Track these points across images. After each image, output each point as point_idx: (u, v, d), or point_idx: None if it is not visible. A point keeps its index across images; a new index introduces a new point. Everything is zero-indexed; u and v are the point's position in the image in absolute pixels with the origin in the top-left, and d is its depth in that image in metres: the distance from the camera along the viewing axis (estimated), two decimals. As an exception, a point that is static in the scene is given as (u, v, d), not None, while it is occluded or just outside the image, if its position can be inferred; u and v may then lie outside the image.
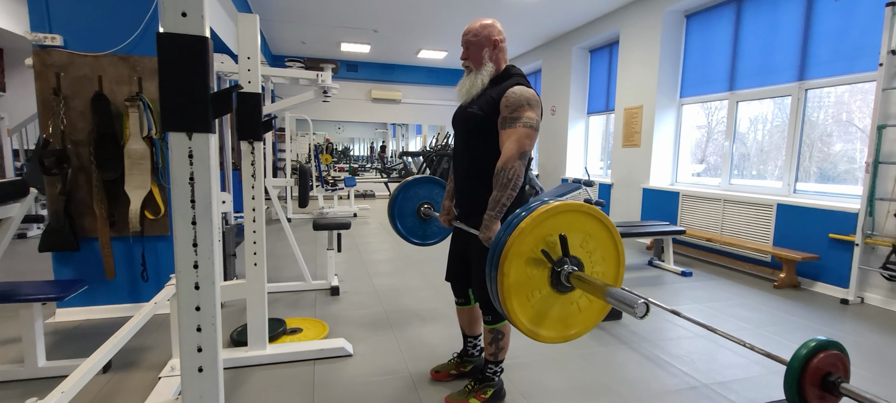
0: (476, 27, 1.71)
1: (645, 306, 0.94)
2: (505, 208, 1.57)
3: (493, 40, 1.69)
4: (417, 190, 2.32)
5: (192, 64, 0.92)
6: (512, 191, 1.56)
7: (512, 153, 1.55)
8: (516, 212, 1.21)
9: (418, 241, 2.39)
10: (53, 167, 2.53)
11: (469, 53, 1.73)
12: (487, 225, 1.58)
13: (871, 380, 2.18)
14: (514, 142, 1.56)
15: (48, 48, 2.53)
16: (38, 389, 1.92)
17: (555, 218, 1.16)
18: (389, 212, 2.33)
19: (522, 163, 1.56)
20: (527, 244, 1.14)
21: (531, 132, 1.57)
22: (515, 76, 1.69)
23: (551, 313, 1.19)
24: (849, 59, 3.62)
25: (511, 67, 1.74)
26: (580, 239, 1.20)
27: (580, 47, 6.95)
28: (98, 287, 2.75)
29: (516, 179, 1.55)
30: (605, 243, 1.24)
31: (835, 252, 3.54)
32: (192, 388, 1.05)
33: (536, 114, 1.59)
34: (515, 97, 1.59)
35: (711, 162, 5.21)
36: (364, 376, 2.12)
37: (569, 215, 1.18)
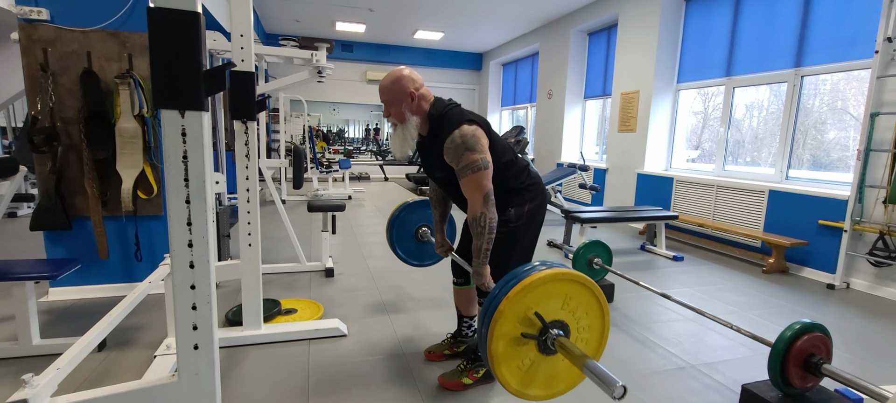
0: (388, 85, 1.66)
1: (622, 388, 0.94)
2: (488, 251, 1.62)
3: (408, 93, 1.65)
4: (413, 214, 2.41)
5: (183, 40, 0.90)
6: (489, 235, 1.59)
7: (476, 202, 1.59)
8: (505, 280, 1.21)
9: (417, 263, 2.50)
10: (43, 145, 2.49)
11: (389, 111, 1.69)
12: (478, 273, 1.64)
13: (851, 362, 2.24)
14: (473, 191, 1.59)
15: (34, 22, 2.46)
16: (32, 366, 1.93)
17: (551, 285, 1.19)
18: (388, 237, 2.43)
19: (489, 205, 1.58)
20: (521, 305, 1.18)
21: (482, 173, 1.57)
22: (445, 117, 1.66)
23: (538, 374, 1.23)
24: (845, 46, 3.63)
25: (436, 105, 1.69)
26: (571, 307, 1.23)
27: (578, 30, 6.88)
28: (91, 266, 2.74)
29: (490, 224, 1.58)
30: (594, 315, 1.27)
31: (823, 238, 3.60)
32: (188, 365, 1.06)
33: (479, 151, 1.57)
34: (452, 150, 1.59)
35: (706, 148, 5.23)
36: (358, 356, 2.15)
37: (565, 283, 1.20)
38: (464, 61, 10.48)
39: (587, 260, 2.92)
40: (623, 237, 5.02)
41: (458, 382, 1.88)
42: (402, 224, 2.42)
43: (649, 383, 1.99)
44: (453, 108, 1.69)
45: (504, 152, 1.74)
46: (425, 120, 1.70)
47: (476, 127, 1.62)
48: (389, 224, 2.40)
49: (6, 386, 1.80)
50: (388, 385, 1.91)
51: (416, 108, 1.68)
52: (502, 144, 1.76)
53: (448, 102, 1.72)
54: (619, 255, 4.17)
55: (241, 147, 2.13)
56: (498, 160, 1.68)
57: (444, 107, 1.69)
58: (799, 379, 1.64)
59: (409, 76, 1.67)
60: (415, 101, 1.66)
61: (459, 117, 1.64)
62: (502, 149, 1.74)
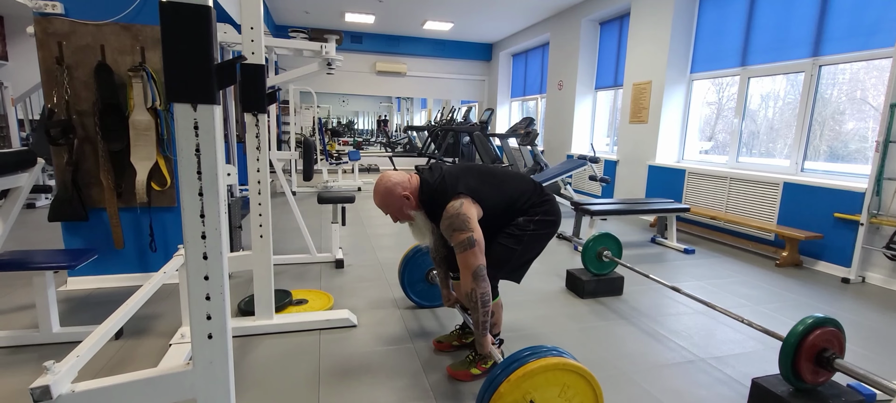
0: (382, 201, 1.77)
1: None
2: (487, 324, 1.68)
3: (401, 198, 1.75)
4: (424, 257, 2.49)
5: (195, 34, 0.91)
6: (484, 309, 1.65)
7: (467, 279, 1.65)
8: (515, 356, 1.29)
9: (428, 304, 2.58)
10: (59, 137, 2.54)
11: (396, 217, 1.82)
12: (480, 344, 1.69)
13: (866, 357, 2.21)
14: (464, 268, 1.65)
15: (49, 16, 2.50)
16: (53, 353, 1.99)
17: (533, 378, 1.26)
18: (401, 282, 2.52)
19: (480, 279, 1.63)
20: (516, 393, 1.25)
21: (470, 252, 1.62)
22: (436, 198, 1.73)
23: None
24: (865, 34, 3.52)
25: (423, 194, 1.77)
26: (558, 391, 1.30)
27: (589, 20, 6.78)
28: (108, 256, 2.80)
29: (483, 297, 1.64)
30: (584, 392, 1.34)
31: (839, 231, 3.53)
32: (203, 354, 1.08)
33: (466, 229, 1.62)
34: (445, 231, 1.69)
35: (720, 139, 5.15)
36: (368, 346, 2.18)
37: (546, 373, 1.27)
38: (473, 52, 10.41)
39: (597, 252, 2.90)
40: (633, 229, 4.98)
41: (467, 372, 1.89)
42: (414, 267, 2.51)
43: (658, 376, 1.98)
44: (439, 185, 1.74)
45: (503, 195, 1.79)
46: (423, 208, 1.80)
47: (462, 200, 1.68)
48: (401, 267, 2.49)
49: (29, 372, 1.85)
50: (398, 374, 1.93)
51: (415, 204, 1.78)
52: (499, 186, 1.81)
53: (433, 179, 1.76)
54: (629, 248, 4.14)
55: (251, 139, 2.15)
56: (496, 208, 1.76)
57: (431, 187, 1.75)
58: (810, 374, 1.63)
59: (396, 181, 1.76)
60: (411, 201, 1.76)
61: (444, 193, 1.71)
62: (500, 194, 1.79)
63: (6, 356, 1.98)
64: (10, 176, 2.11)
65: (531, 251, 1.86)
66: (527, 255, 1.86)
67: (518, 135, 6.22)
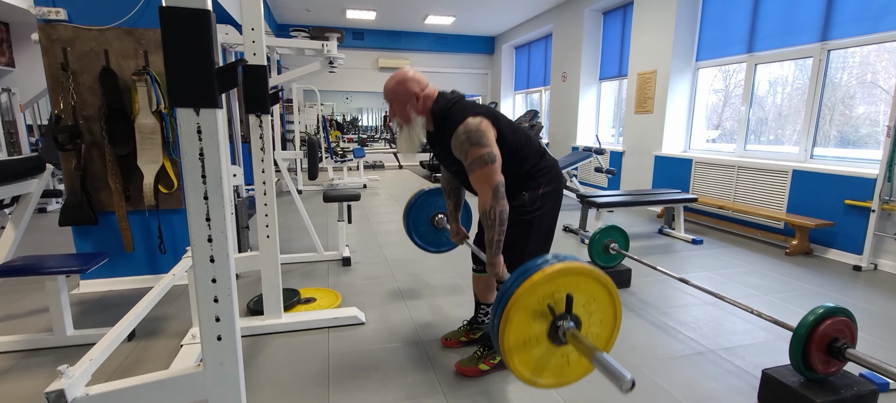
0: (392, 86, 1.67)
1: (631, 382, 0.96)
2: (501, 244, 1.61)
3: (413, 94, 1.66)
4: (429, 201, 2.41)
5: (195, 38, 0.91)
6: (501, 227, 1.58)
7: (485, 194, 1.57)
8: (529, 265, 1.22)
9: (433, 249, 2.50)
10: (67, 143, 2.57)
11: (394, 112, 1.70)
12: (492, 264, 1.63)
13: (878, 346, 2.19)
14: (482, 184, 1.57)
15: (53, 22, 2.52)
16: (67, 356, 2.02)
17: (566, 278, 1.19)
18: (405, 225, 2.44)
19: (499, 197, 1.56)
20: (535, 297, 1.17)
21: (489, 167, 1.55)
22: (450, 112, 1.66)
23: (550, 364, 1.23)
24: (875, 17, 3.45)
25: (439, 104, 1.69)
26: (584, 301, 1.23)
27: (592, 10, 6.71)
28: (118, 259, 2.83)
29: (501, 216, 1.57)
30: (606, 309, 1.26)
31: (850, 218, 3.49)
32: (213, 355, 1.10)
33: (486, 147, 1.56)
34: (458, 144, 1.59)
35: (727, 127, 5.09)
36: (376, 343, 2.19)
37: (579, 277, 1.20)
38: (476, 45, 10.35)
39: (603, 245, 2.89)
40: (640, 221, 4.95)
41: (475, 368, 1.90)
42: (419, 211, 2.42)
43: (667, 368, 1.98)
44: (457, 103, 1.68)
45: (514, 139, 1.71)
46: (430, 118, 1.71)
47: (481, 119, 1.60)
48: (406, 211, 2.41)
49: (44, 375, 1.89)
50: (406, 371, 1.94)
51: (422, 108, 1.69)
52: (512, 130, 1.73)
53: (452, 96, 1.70)
54: (636, 240, 4.11)
55: (256, 140, 2.16)
56: (507, 148, 1.66)
57: (448, 102, 1.68)
58: (822, 364, 1.61)
59: (414, 78, 1.67)
60: (419, 101, 1.67)
61: (463, 111, 1.63)
62: (512, 135, 1.71)
63: (22, 359, 2.02)
64: (21, 182, 2.14)
65: (544, 229, 1.79)
66: (542, 236, 1.79)
67: (522, 129, 6.19)
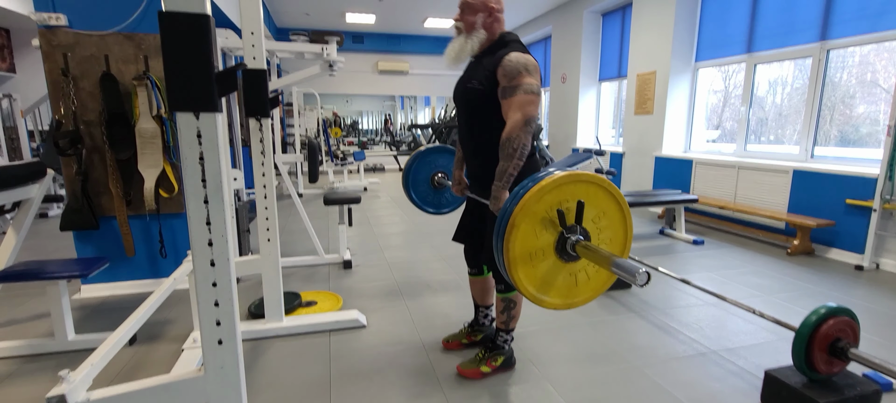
0: None
1: (646, 275, 0.95)
2: (512, 177, 1.54)
3: (489, 7, 1.63)
4: (431, 159, 2.34)
5: (195, 43, 0.91)
6: (518, 161, 1.53)
7: (516, 122, 1.51)
8: (524, 183, 1.19)
9: (432, 210, 2.43)
10: (68, 148, 2.57)
11: (463, 15, 1.67)
12: (496, 196, 1.57)
13: (881, 345, 2.18)
14: (516, 111, 1.52)
15: (53, 28, 2.53)
16: (68, 361, 2.02)
17: (574, 186, 1.13)
18: (404, 181, 2.37)
19: (527, 131, 1.51)
20: (540, 206, 1.11)
21: (533, 97, 1.52)
22: (511, 43, 1.64)
23: (557, 281, 1.17)
24: (874, 16, 3.46)
25: (506, 34, 1.68)
26: (593, 214, 1.16)
27: (592, 11, 6.72)
28: (119, 263, 2.83)
29: (522, 149, 1.52)
30: (616, 223, 1.20)
31: (851, 218, 3.48)
32: (213, 359, 1.09)
33: (536, 80, 1.54)
34: (512, 65, 1.53)
35: (727, 127, 5.08)
36: (378, 346, 2.18)
37: (589, 186, 1.15)
38: (475, 48, 10.36)
39: (604, 246, 2.88)
40: (641, 221, 4.94)
41: (477, 371, 1.89)
42: (419, 169, 2.37)
43: (669, 369, 1.97)
44: (519, 42, 1.67)
45: None
46: (490, 40, 1.68)
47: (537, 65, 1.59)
48: (406, 168, 2.35)
49: (45, 381, 1.88)
50: (408, 374, 1.94)
51: (489, 26, 1.66)
52: None
53: (519, 39, 1.70)
54: (637, 241, 4.11)
55: (256, 143, 2.16)
56: None
57: (515, 38, 1.68)
58: (824, 364, 1.61)
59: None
60: (490, 18, 1.65)
61: (525, 49, 1.61)
62: None
63: (23, 364, 2.02)
64: (22, 187, 2.14)
65: None
66: None
67: (522, 130, 6.19)
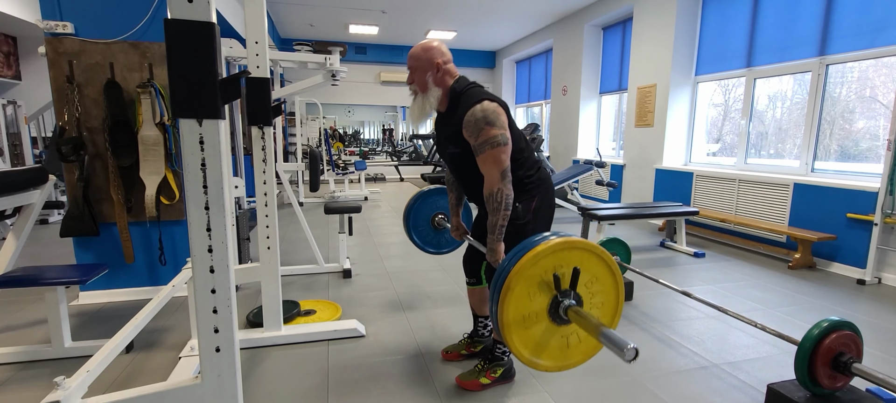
0: (418, 52, 1.68)
1: (634, 351, 0.96)
2: (504, 229, 1.60)
3: (435, 64, 1.66)
4: (431, 200, 2.40)
5: (199, 50, 0.92)
6: (505, 211, 1.58)
7: (493, 177, 1.57)
8: (520, 246, 1.20)
9: (433, 250, 2.48)
10: (70, 154, 2.58)
11: (413, 78, 1.70)
12: (492, 250, 1.63)
13: (884, 360, 2.16)
14: (490, 166, 1.57)
15: (60, 36, 2.55)
16: (65, 368, 2.00)
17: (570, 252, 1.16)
18: (405, 224, 2.43)
19: (505, 181, 1.57)
20: (536, 270, 1.14)
21: (502, 148, 1.56)
22: (465, 93, 1.66)
23: (550, 344, 1.19)
24: (873, 31, 3.49)
25: (457, 84, 1.70)
26: (586, 279, 1.20)
27: (592, 25, 6.79)
28: (118, 270, 2.83)
29: (505, 200, 1.57)
30: (608, 287, 1.23)
31: (852, 232, 3.47)
32: (211, 367, 1.09)
33: (499, 128, 1.56)
34: (473, 123, 1.58)
35: (727, 141, 5.10)
36: (376, 356, 2.17)
37: (583, 252, 1.17)
38: (477, 60, 10.45)
39: (605, 257, 2.87)
40: (642, 234, 4.93)
41: (476, 382, 1.88)
42: (419, 211, 2.40)
43: (671, 382, 1.95)
44: (475, 87, 1.68)
45: (518, 141, 1.72)
46: (446, 94, 1.70)
47: (497, 105, 1.60)
48: (406, 211, 2.39)
49: (41, 388, 1.87)
50: (407, 385, 1.92)
51: (440, 80, 1.68)
52: (517, 133, 1.74)
53: (472, 82, 1.71)
54: (638, 253, 4.10)
55: (258, 152, 2.17)
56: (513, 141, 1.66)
57: (467, 84, 1.69)
58: (827, 379, 1.59)
59: (439, 48, 1.68)
60: (439, 73, 1.67)
61: (480, 95, 1.63)
62: (517, 137, 1.72)
63: (19, 371, 2.00)
64: (23, 193, 2.15)
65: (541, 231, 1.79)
66: None
67: (523, 142, 6.21)
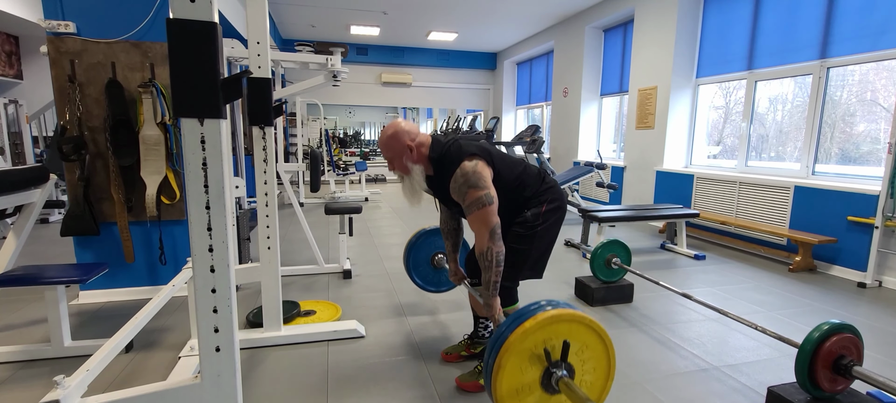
0: (386, 142, 1.72)
1: None
2: (498, 285, 1.64)
3: (406, 146, 1.70)
4: (429, 241, 2.45)
5: (201, 50, 0.92)
6: (497, 268, 1.62)
7: (483, 237, 1.61)
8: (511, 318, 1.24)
9: (433, 289, 2.54)
10: (71, 153, 2.59)
11: (393, 166, 1.76)
12: (488, 305, 1.67)
13: (884, 364, 2.15)
14: (479, 227, 1.61)
15: (62, 35, 2.56)
16: (64, 367, 2.00)
17: (558, 325, 1.21)
18: (405, 264, 2.48)
19: (495, 239, 1.60)
20: (526, 344, 1.19)
21: (487, 209, 1.59)
22: (445, 156, 1.70)
23: None
24: (874, 35, 3.49)
25: (434, 150, 1.72)
26: (577, 347, 1.24)
27: (593, 27, 6.79)
28: (118, 270, 2.83)
29: (497, 257, 1.61)
30: (599, 354, 1.27)
31: (853, 235, 3.47)
32: (211, 367, 1.08)
33: (481, 187, 1.59)
34: (457, 190, 1.63)
35: (728, 143, 5.10)
36: (376, 357, 2.16)
37: (571, 324, 1.22)
38: (478, 61, 10.46)
39: (605, 259, 2.87)
40: (642, 236, 4.93)
41: (476, 383, 1.87)
42: (419, 251, 2.48)
43: (671, 384, 1.95)
44: (452, 145, 1.72)
45: (511, 172, 1.76)
46: (428, 165, 1.75)
47: (477, 161, 1.64)
48: (406, 251, 2.46)
49: (40, 387, 1.87)
50: (406, 386, 1.92)
51: (418, 157, 1.73)
52: (508, 164, 1.77)
53: (447, 140, 1.74)
54: (638, 254, 4.09)
55: (259, 152, 2.17)
56: (506, 182, 1.72)
57: (443, 147, 1.73)
58: (828, 382, 1.59)
59: (405, 129, 1.72)
60: (414, 152, 1.71)
61: (459, 154, 1.67)
62: (509, 170, 1.76)
63: (18, 370, 2.00)
64: (24, 192, 2.15)
65: (545, 243, 1.81)
66: (541, 249, 1.81)
67: (524, 143, 6.22)
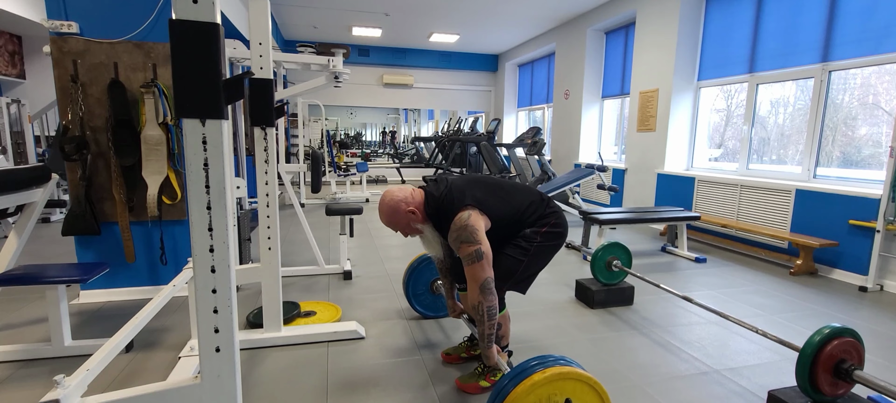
0: (388, 219, 1.78)
1: None
2: (492, 337, 1.70)
3: (405, 213, 1.76)
4: (428, 268, 2.50)
5: (203, 51, 0.93)
6: (490, 321, 1.67)
7: (475, 291, 1.65)
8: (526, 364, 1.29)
9: (432, 315, 2.58)
10: (73, 153, 2.59)
11: (405, 232, 1.82)
12: (486, 356, 1.73)
13: (885, 368, 2.15)
14: (472, 281, 1.66)
15: (65, 35, 2.57)
16: (64, 367, 2.00)
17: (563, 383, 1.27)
18: (405, 292, 2.52)
19: (488, 292, 1.64)
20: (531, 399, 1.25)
21: (477, 264, 1.63)
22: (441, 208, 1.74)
23: None
24: (876, 39, 3.48)
25: (429, 207, 1.78)
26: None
27: (595, 29, 6.80)
28: (119, 270, 2.83)
29: (490, 310, 1.65)
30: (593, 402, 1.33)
31: (854, 238, 3.46)
32: (211, 367, 1.09)
33: (474, 242, 1.63)
34: (453, 241, 1.68)
35: (730, 146, 5.09)
36: (376, 358, 2.16)
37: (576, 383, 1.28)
38: (479, 63, 10.47)
39: (606, 262, 2.87)
40: (643, 238, 4.92)
41: (476, 385, 1.87)
42: (418, 278, 2.51)
43: (671, 387, 1.94)
44: (445, 197, 1.75)
45: (509, 208, 1.79)
46: (429, 219, 1.81)
47: (470, 212, 1.67)
48: (405, 278, 2.50)
49: (40, 386, 1.87)
50: (406, 387, 1.91)
51: (421, 218, 1.79)
52: (506, 195, 1.81)
53: (440, 193, 1.77)
54: (639, 257, 4.09)
55: (260, 153, 2.17)
56: (504, 217, 1.76)
57: (438, 200, 1.76)
58: (829, 386, 1.58)
59: (400, 198, 1.77)
60: (417, 215, 1.77)
61: (451, 205, 1.71)
62: (506, 203, 1.79)
63: (19, 369, 2.00)
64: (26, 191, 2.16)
65: (537, 263, 1.85)
66: (533, 267, 1.84)
67: (525, 145, 6.22)
